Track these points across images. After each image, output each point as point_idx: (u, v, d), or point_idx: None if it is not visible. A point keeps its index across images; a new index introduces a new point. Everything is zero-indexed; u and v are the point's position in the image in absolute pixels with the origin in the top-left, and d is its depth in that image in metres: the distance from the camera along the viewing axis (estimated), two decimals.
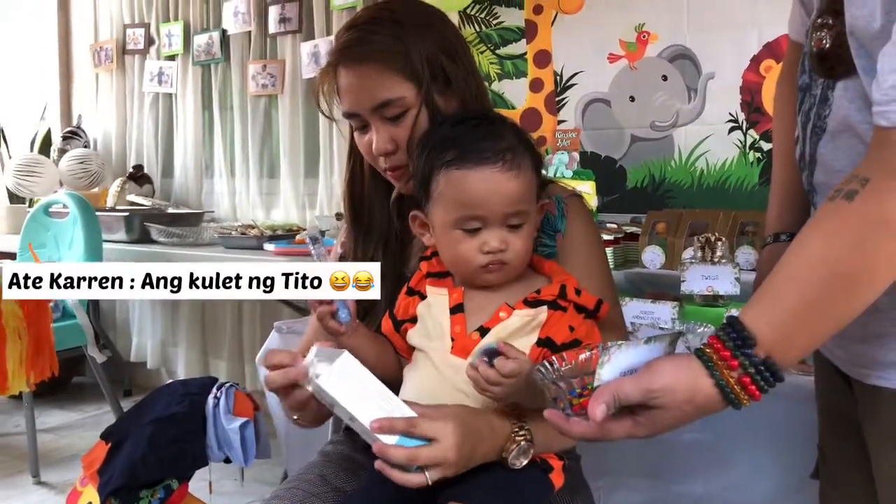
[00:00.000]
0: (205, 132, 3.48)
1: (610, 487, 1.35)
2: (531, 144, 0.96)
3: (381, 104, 1.02)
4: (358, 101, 1.04)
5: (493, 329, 0.92)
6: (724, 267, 1.69)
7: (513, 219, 0.93)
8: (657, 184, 2.41)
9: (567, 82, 2.56)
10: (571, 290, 0.94)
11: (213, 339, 3.41)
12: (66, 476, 2.56)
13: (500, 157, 0.91)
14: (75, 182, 3.39)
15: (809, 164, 0.86)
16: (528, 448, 0.90)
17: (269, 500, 1.05)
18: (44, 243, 2.91)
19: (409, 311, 0.99)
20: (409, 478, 0.84)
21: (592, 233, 1.11)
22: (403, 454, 0.83)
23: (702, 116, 2.34)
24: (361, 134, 1.07)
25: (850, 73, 0.76)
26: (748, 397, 0.71)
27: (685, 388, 0.71)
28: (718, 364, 0.71)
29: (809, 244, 0.72)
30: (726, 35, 2.27)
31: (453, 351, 0.93)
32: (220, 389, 1.60)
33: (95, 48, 3.74)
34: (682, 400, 0.72)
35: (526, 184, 0.93)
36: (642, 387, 0.72)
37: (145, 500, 1.54)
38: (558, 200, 1.07)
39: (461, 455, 0.86)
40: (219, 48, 3.33)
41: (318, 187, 3.12)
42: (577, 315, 0.93)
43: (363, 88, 1.03)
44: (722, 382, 0.71)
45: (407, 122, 1.02)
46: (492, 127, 0.95)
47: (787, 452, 1.30)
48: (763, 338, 0.70)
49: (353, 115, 1.06)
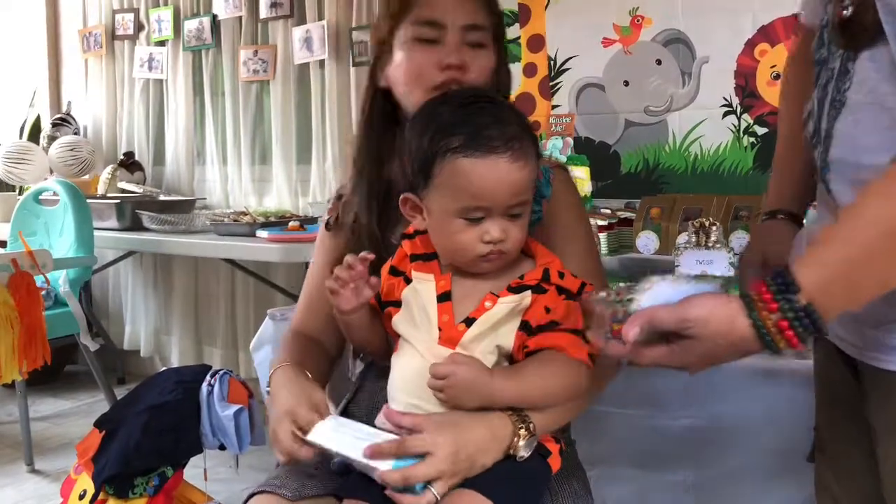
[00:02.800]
0: (196, 118, 3.45)
1: (602, 476, 1.36)
2: (531, 130, 0.96)
3: (472, 26, 1.06)
4: (451, 11, 1.06)
5: (479, 319, 0.92)
6: (719, 252, 1.69)
7: (515, 208, 0.92)
8: (651, 169, 2.41)
9: (561, 67, 2.54)
10: (555, 272, 0.93)
11: (207, 326, 3.41)
12: (61, 464, 2.56)
13: (509, 146, 0.90)
14: (65, 169, 3.36)
15: (825, 139, 0.84)
16: (533, 442, 0.91)
17: (268, 480, 1.05)
18: (34, 231, 2.89)
19: (393, 293, 0.98)
20: (418, 499, 0.85)
21: (576, 200, 1.15)
22: (398, 476, 0.85)
23: (696, 101, 2.33)
24: (427, 46, 1.06)
25: (875, 42, 0.75)
26: (785, 343, 0.71)
27: (721, 321, 0.72)
28: (758, 305, 0.71)
29: (865, 204, 0.72)
30: (721, 19, 2.26)
31: (440, 341, 0.92)
32: (213, 377, 1.60)
33: (84, 34, 3.70)
34: (715, 332, 0.73)
35: (531, 173, 0.93)
36: (677, 315, 0.74)
37: (140, 488, 1.53)
38: (545, 170, 1.10)
39: (457, 463, 0.86)
40: (209, 33, 3.30)
41: (310, 173, 3.10)
42: (557, 297, 0.92)
43: (461, 3, 1.06)
44: (759, 323, 0.71)
45: (482, 54, 1.07)
46: (498, 111, 0.93)
47: (780, 438, 1.30)
48: (807, 286, 0.70)
49: (433, 24, 1.06)
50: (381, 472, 0.85)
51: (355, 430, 0.92)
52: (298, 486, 1.01)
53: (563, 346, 0.91)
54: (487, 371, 0.89)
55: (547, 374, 0.91)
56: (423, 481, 0.85)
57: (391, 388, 0.97)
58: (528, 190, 0.93)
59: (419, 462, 0.85)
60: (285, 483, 1.01)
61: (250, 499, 1.02)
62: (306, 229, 2.56)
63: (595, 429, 1.10)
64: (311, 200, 3.04)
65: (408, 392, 0.94)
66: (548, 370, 0.91)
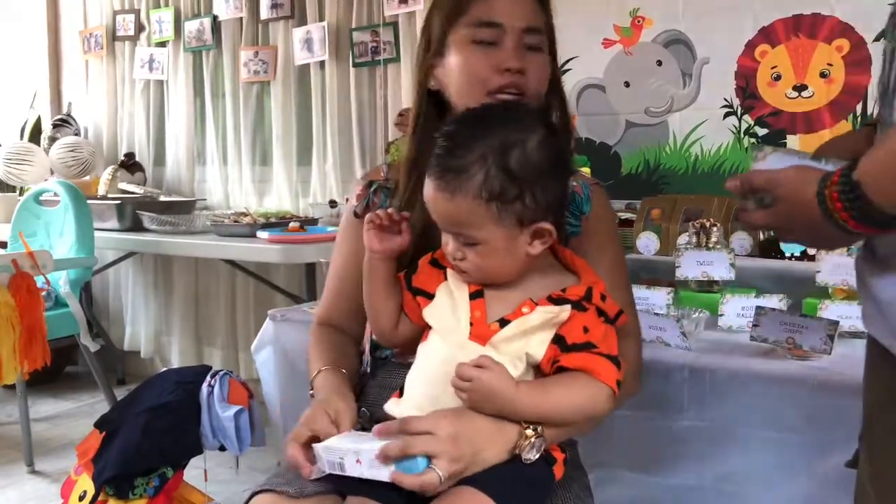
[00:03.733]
0: (196, 119, 3.45)
1: (602, 479, 1.35)
2: (506, 169, 0.89)
3: (531, 28, 1.05)
4: (512, 13, 1.04)
5: (514, 322, 0.92)
6: (719, 253, 1.68)
7: (454, 229, 0.94)
8: (652, 169, 2.41)
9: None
10: (597, 294, 0.94)
11: (207, 327, 3.41)
12: (61, 465, 2.55)
13: (442, 176, 0.90)
14: (66, 170, 3.36)
15: None
16: (540, 444, 0.91)
17: (269, 478, 1.05)
18: (35, 232, 2.89)
19: (429, 285, 0.98)
20: (423, 478, 0.85)
21: (612, 216, 1.18)
22: (397, 446, 0.85)
23: (696, 102, 2.33)
24: (486, 48, 1.04)
25: None
26: (836, 211, 0.76)
27: (797, 184, 0.80)
28: (825, 178, 0.78)
29: None
30: (721, 20, 2.26)
31: (471, 336, 0.93)
32: (214, 377, 1.60)
33: (85, 35, 3.70)
34: (791, 192, 0.80)
35: (459, 208, 0.90)
36: (767, 175, 0.82)
37: (140, 488, 1.53)
38: (584, 186, 1.11)
39: (458, 446, 0.86)
40: (210, 34, 3.30)
41: (311, 174, 3.10)
42: (596, 318, 0.93)
43: (521, 5, 1.05)
44: (822, 191, 0.77)
45: (540, 57, 1.06)
46: (471, 135, 0.91)
47: (781, 440, 1.30)
48: (860, 169, 0.75)
49: (491, 25, 1.04)
50: (382, 446, 0.86)
51: (359, 436, 0.94)
52: (301, 485, 1.00)
53: (596, 370, 0.90)
54: (513, 383, 0.89)
55: (572, 396, 0.91)
56: (422, 454, 0.85)
57: (410, 377, 0.98)
58: (461, 223, 0.91)
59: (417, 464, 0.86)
60: (288, 481, 1.01)
61: (252, 498, 1.02)
62: (307, 230, 2.56)
63: (595, 431, 1.09)
64: (312, 201, 3.04)
65: (428, 382, 0.94)
66: (574, 392, 0.91)
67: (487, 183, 0.88)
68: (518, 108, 0.99)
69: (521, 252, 0.92)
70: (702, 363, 1.37)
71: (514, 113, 0.95)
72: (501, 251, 0.92)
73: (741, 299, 1.57)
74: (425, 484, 0.85)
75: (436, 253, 1.00)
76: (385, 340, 1.07)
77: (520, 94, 1.04)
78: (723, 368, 1.35)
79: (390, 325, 1.03)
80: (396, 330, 1.03)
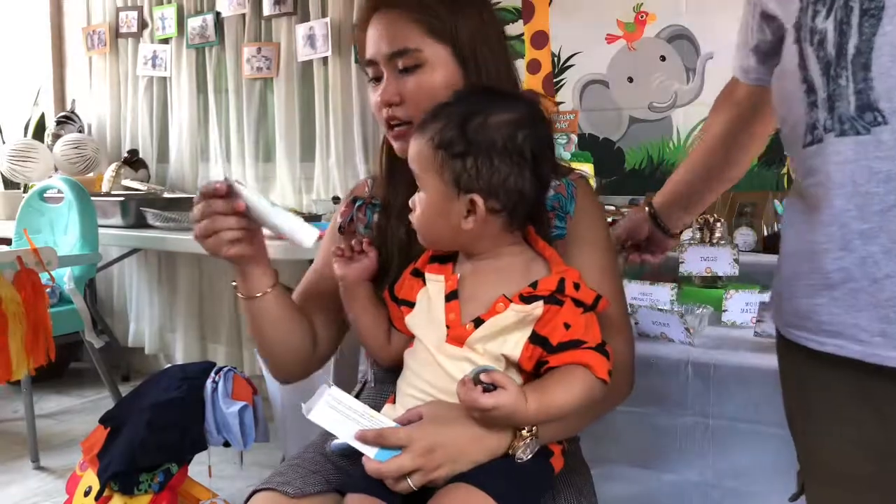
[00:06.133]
0: (200, 116, 3.45)
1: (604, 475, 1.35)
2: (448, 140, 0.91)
3: (396, 53, 1.01)
4: (378, 44, 1.03)
5: (488, 321, 0.91)
6: (723, 248, 1.68)
7: None
8: (655, 165, 2.40)
9: (565, 63, 2.54)
10: (570, 284, 0.91)
11: (212, 324, 3.41)
12: (66, 461, 2.56)
13: (421, 122, 0.94)
14: (70, 167, 3.37)
15: (863, 67, 0.76)
16: (535, 445, 0.91)
17: (272, 475, 1.05)
18: (39, 229, 2.90)
19: (410, 293, 0.98)
20: (396, 483, 0.88)
21: (599, 212, 1.11)
22: (373, 467, 0.88)
23: (700, 97, 2.33)
24: (375, 85, 1.05)
25: None
26: None
27: None
28: None
29: None
30: (725, 15, 2.24)
31: (448, 339, 0.92)
32: (218, 374, 1.60)
33: (88, 31, 3.70)
34: None
35: (417, 148, 0.94)
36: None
37: (145, 484, 1.54)
38: (568, 184, 1.07)
39: (432, 459, 0.87)
40: (213, 31, 3.30)
41: (314, 171, 3.11)
42: (575, 309, 0.91)
43: (384, 35, 1.02)
44: None
45: (419, 76, 1.01)
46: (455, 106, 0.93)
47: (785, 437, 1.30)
48: None
49: (370, 63, 1.05)
50: (365, 459, 0.89)
51: (351, 410, 0.93)
52: (301, 483, 1.01)
53: (592, 364, 0.90)
54: (523, 395, 0.88)
55: (573, 394, 0.90)
56: (396, 476, 0.87)
57: (400, 384, 0.98)
58: (413, 161, 0.95)
59: (396, 455, 0.88)
60: (288, 480, 1.01)
61: (252, 496, 1.02)
62: None
63: (597, 428, 1.09)
64: (315, 198, 3.05)
65: (416, 388, 0.95)
66: (574, 390, 0.90)
67: (442, 131, 0.91)
68: (517, 94, 1.00)
69: (455, 221, 0.92)
70: (705, 359, 1.37)
71: (509, 96, 0.96)
72: (437, 208, 0.92)
73: (745, 295, 1.57)
74: (398, 490, 0.88)
75: (417, 262, 1.00)
76: (381, 359, 1.07)
77: (408, 123, 1.03)
78: (726, 364, 1.35)
79: (380, 343, 1.04)
80: (389, 346, 1.03)
